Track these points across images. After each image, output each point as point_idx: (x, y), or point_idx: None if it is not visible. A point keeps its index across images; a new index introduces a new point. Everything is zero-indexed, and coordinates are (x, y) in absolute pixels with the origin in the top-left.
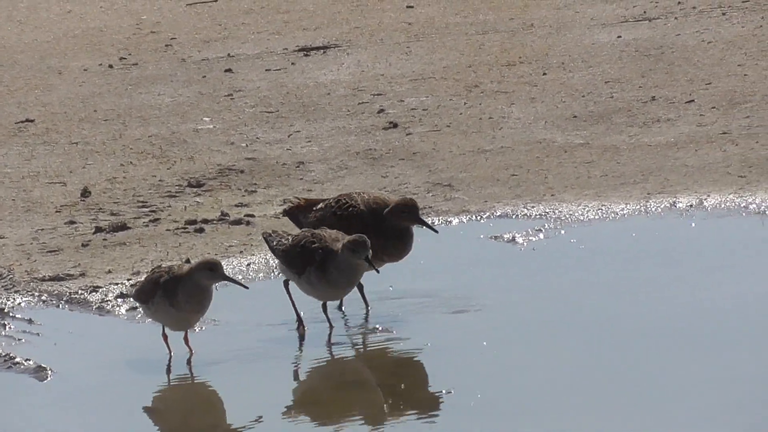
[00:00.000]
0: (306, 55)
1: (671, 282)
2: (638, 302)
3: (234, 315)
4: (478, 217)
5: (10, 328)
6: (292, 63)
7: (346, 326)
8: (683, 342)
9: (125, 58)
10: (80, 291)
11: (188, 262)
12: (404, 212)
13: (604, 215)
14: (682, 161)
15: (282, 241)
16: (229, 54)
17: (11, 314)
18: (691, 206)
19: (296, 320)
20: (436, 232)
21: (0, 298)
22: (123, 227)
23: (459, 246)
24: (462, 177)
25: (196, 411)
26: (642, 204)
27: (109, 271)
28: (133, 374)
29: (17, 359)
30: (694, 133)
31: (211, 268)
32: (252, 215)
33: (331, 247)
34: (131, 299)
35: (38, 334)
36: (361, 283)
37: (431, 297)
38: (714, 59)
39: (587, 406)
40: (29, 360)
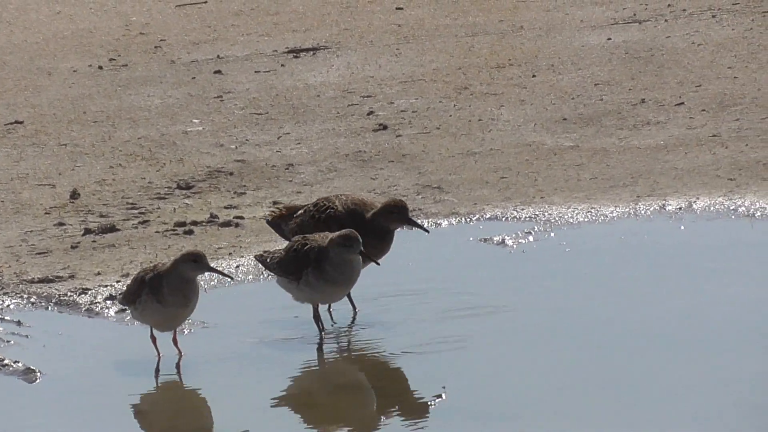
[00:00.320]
0: (295, 57)
1: (660, 285)
2: (627, 305)
3: (223, 317)
4: (468, 220)
5: None
6: (282, 65)
7: (336, 329)
8: (672, 345)
9: (114, 60)
10: (69, 293)
11: None
12: (394, 213)
13: (594, 218)
14: (672, 164)
15: (275, 255)
16: (219, 56)
17: (0, 316)
18: (681, 209)
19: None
20: (427, 232)
21: None
22: (112, 229)
23: (448, 248)
24: (451, 179)
25: (185, 413)
26: (631, 207)
27: (98, 273)
28: (122, 376)
29: (6, 361)
30: (684, 136)
31: (195, 259)
32: (241, 217)
33: (324, 246)
34: (120, 304)
35: (27, 336)
36: None
37: (421, 299)
38: (704, 62)
39: (575, 409)
40: (18, 362)
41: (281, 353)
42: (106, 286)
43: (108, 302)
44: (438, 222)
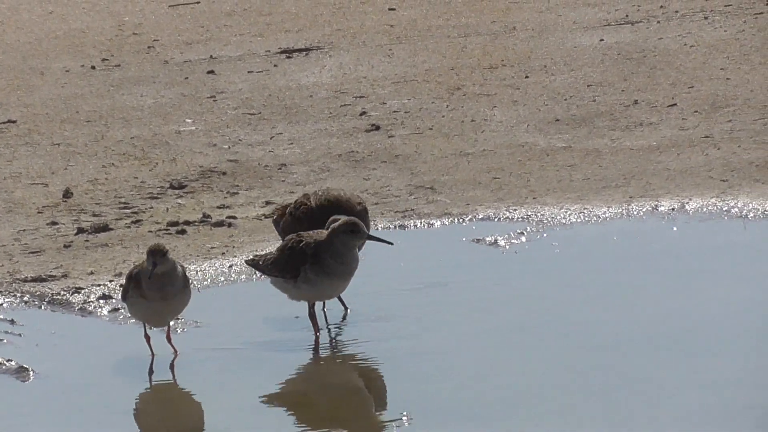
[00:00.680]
0: (288, 57)
1: (653, 285)
2: (619, 305)
3: (216, 316)
4: (460, 220)
5: None
6: (275, 65)
7: (329, 329)
8: (664, 346)
9: (107, 60)
10: (62, 292)
11: None
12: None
13: (586, 218)
14: (664, 165)
15: (268, 257)
16: (212, 56)
17: None
18: (673, 210)
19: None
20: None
21: None
22: (105, 228)
23: (441, 249)
24: (444, 180)
25: (178, 412)
26: (624, 207)
27: (91, 273)
28: (116, 375)
29: None
30: (677, 137)
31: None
32: (234, 217)
33: (321, 240)
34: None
35: (20, 335)
36: None
37: (413, 299)
38: (696, 63)
39: (565, 409)
40: (11, 361)
41: (275, 353)
42: (99, 286)
43: (101, 301)
44: (430, 222)
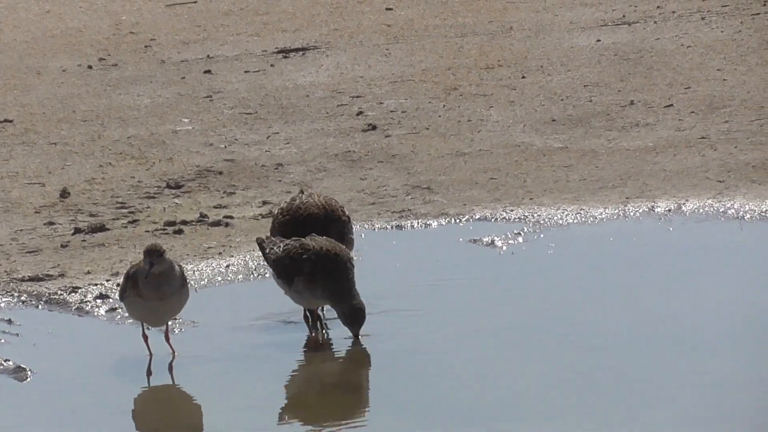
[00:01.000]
0: (285, 57)
1: (649, 286)
2: (616, 306)
3: (213, 316)
4: (457, 220)
5: None
6: (271, 65)
7: (325, 330)
8: (661, 347)
9: (104, 59)
10: (59, 291)
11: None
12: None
13: (583, 219)
14: (661, 166)
15: (274, 249)
16: (209, 55)
17: None
18: (670, 211)
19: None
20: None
21: None
22: (102, 228)
23: (438, 249)
24: (441, 180)
25: (176, 412)
26: (620, 208)
27: (88, 272)
28: (113, 375)
29: None
30: (673, 138)
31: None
32: (231, 217)
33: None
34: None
35: (17, 335)
36: None
37: (409, 300)
38: (693, 64)
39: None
40: (8, 360)
41: (272, 353)
42: (96, 285)
43: (98, 301)
44: (427, 222)
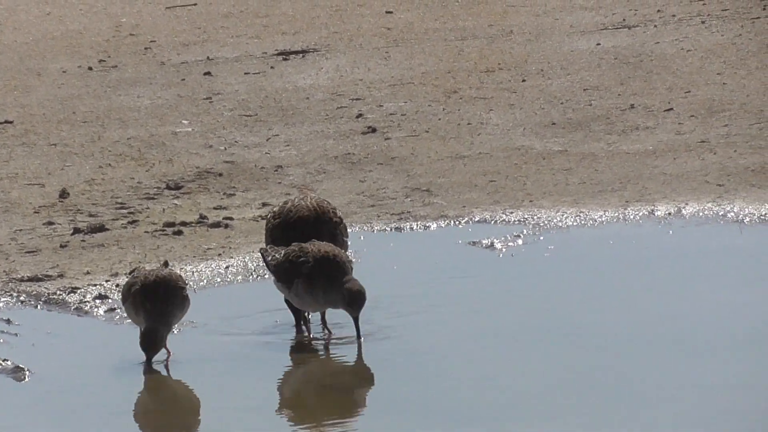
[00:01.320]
0: (285, 60)
1: (649, 289)
2: (615, 310)
3: (212, 317)
4: (457, 223)
5: None
6: (271, 67)
7: (323, 331)
8: (661, 348)
9: (104, 61)
10: (58, 292)
11: (166, 265)
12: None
13: (582, 222)
14: (661, 169)
15: (275, 256)
16: (208, 57)
17: None
18: (670, 214)
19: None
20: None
21: None
22: (101, 229)
23: (437, 251)
24: (440, 182)
25: (173, 413)
26: (620, 212)
27: (88, 273)
28: (111, 375)
29: None
30: (673, 142)
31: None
32: (230, 218)
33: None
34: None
35: (16, 335)
36: None
37: (407, 302)
38: (693, 67)
39: (561, 411)
40: (7, 360)
41: (270, 353)
42: (95, 285)
43: (97, 301)
44: (427, 225)
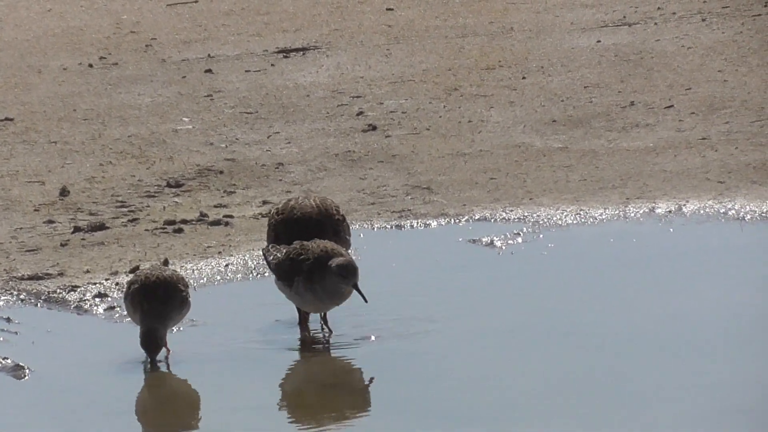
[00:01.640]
0: (285, 57)
1: (649, 287)
2: (617, 307)
3: (212, 315)
4: (457, 221)
5: None
6: (272, 64)
7: (323, 331)
8: (661, 347)
9: (105, 58)
10: (58, 290)
11: (166, 263)
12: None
13: (583, 220)
14: (661, 166)
15: (276, 255)
16: (209, 55)
17: None
18: (670, 212)
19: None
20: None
21: None
22: (101, 227)
23: (437, 249)
24: (441, 180)
25: (173, 411)
26: (621, 209)
27: (88, 271)
28: (111, 374)
29: None
30: (673, 139)
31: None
32: (231, 216)
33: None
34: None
35: (16, 333)
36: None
37: (408, 300)
38: (693, 65)
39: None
40: (7, 359)
41: (270, 352)
42: (95, 284)
43: (97, 300)
44: (427, 222)
